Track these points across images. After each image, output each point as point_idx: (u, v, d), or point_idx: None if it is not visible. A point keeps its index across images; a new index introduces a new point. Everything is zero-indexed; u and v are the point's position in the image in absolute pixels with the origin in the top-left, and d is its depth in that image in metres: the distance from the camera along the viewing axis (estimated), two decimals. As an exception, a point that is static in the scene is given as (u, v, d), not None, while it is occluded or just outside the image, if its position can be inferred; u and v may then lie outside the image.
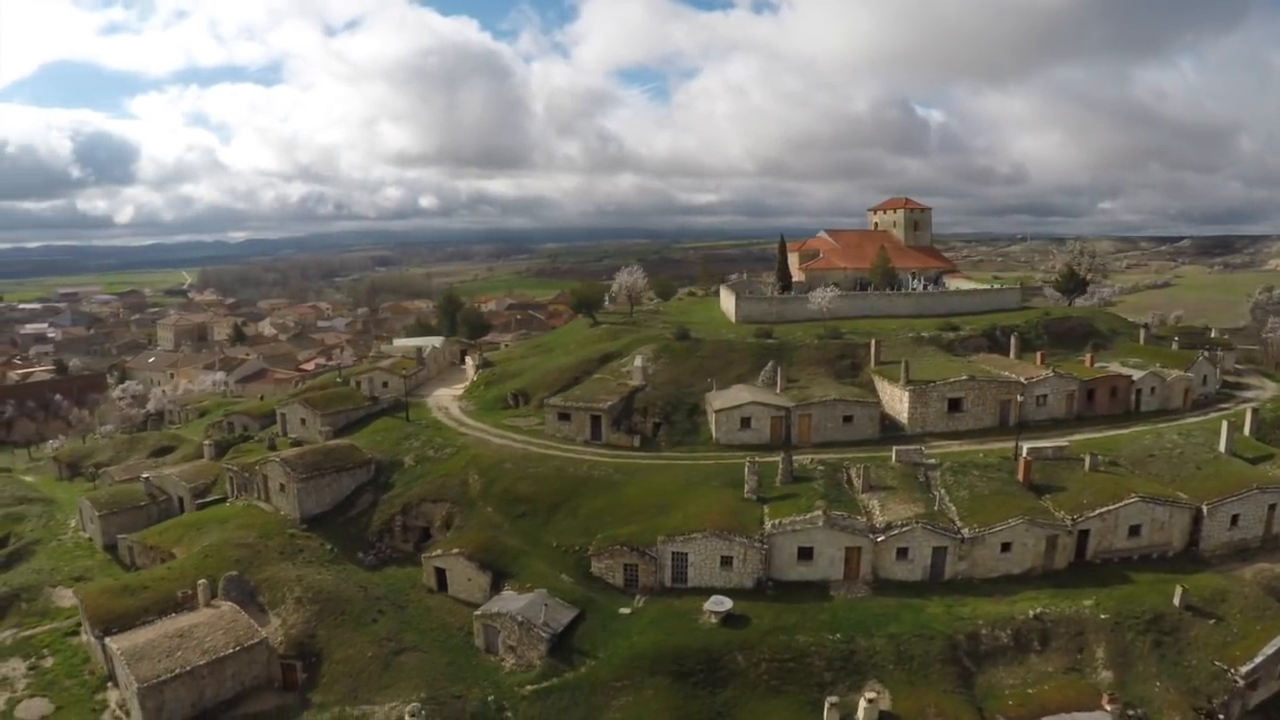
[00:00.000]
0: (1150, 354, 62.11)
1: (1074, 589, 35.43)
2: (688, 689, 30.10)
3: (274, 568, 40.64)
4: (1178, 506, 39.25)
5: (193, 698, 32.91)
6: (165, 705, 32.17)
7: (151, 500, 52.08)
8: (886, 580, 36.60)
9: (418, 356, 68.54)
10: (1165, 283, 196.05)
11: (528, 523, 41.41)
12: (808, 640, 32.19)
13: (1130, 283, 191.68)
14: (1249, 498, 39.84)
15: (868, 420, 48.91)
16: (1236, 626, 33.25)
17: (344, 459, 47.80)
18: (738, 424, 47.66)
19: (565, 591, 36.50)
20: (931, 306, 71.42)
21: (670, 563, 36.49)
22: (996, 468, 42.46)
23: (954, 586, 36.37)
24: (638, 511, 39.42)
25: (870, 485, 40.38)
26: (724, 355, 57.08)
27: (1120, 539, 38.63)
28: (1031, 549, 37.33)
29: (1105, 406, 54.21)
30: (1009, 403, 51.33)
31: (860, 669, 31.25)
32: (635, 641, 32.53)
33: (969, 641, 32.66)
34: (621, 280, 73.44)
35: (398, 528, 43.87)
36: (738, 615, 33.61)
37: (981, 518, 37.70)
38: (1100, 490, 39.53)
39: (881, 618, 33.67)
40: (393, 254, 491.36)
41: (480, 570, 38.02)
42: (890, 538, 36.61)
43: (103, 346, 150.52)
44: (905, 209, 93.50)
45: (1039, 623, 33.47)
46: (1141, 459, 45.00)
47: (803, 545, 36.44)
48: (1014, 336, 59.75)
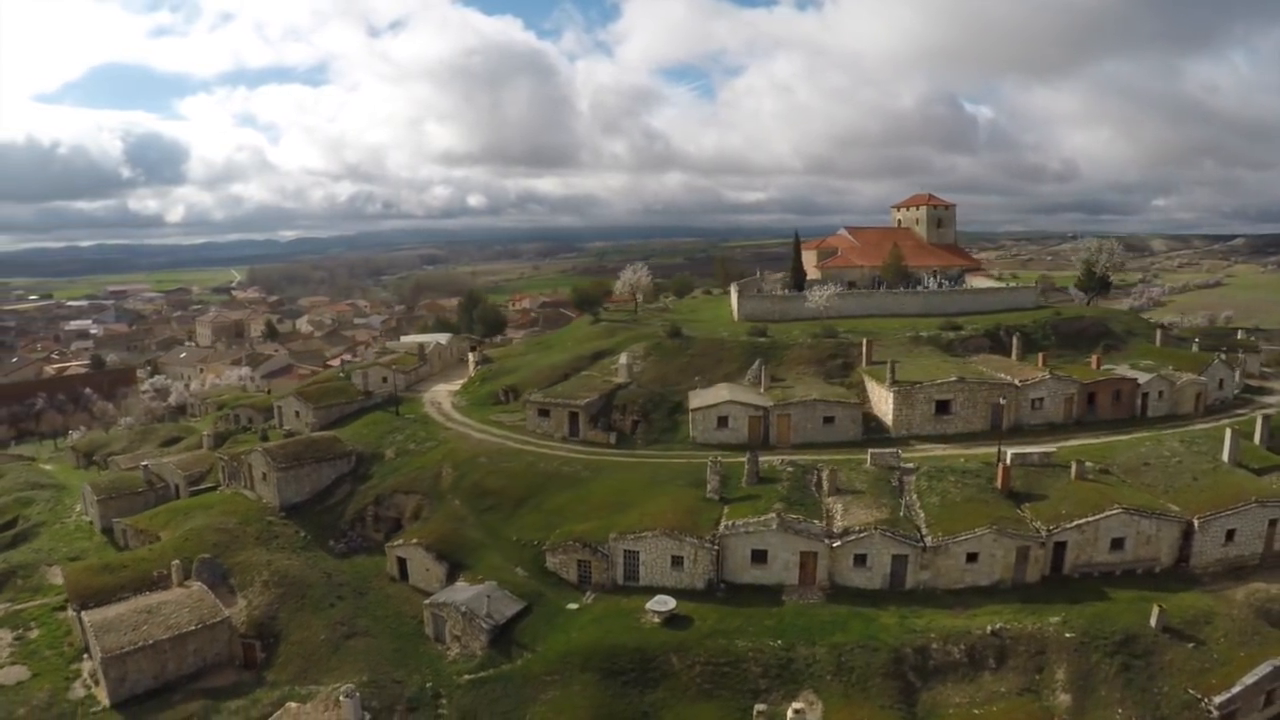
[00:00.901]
0: (1165, 356, 59.90)
1: (1043, 604, 34.17)
2: (616, 687, 30.22)
3: (248, 552, 42.75)
4: (1166, 519, 37.50)
5: (155, 670, 34.95)
6: (128, 675, 34.26)
7: (149, 487, 54.94)
8: (844, 587, 35.77)
9: (419, 353, 70.32)
10: (1217, 282, 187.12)
11: (492, 516, 42.22)
12: (746, 645, 31.79)
13: (1181, 282, 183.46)
14: (1246, 511, 37.75)
15: (849, 421, 48.04)
16: (1218, 652, 31.51)
17: (325, 450, 49.59)
18: (714, 423, 47.49)
19: (517, 585, 37.12)
20: (941, 305, 69.74)
21: (622, 560, 36.69)
22: (976, 474, 41.13)
23: (915, 597, 35.31)
24: (598, 508, 39.77)
25: (837, 488, 39.53)
26: (714, 353, 56.93)
27: (1101, 553, 37.08)
28: (1000, 560, 36.01)
29: (1108, 411, 52.21)
30: (1001, 406, 49.79)
31: (797, 678, 30.68)
32: (573, 637, 32.87)
33: (917, 655, 31.72)
34: (626, 278, 73.81)
35: (370, 517, 45.33)
36: (682, 616, 33.50)
37: (947, 526, 36.51)
38: (1082, 500, 38.06)
39: (829, 626, 32.95)
40: (441, 252, 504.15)
41: (437, 561, 39.02)
42: (847, 543, 35.73)
43: (142, 343, 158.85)
44: (928, 206, 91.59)
45: (996, 639, 32.25)
46: (1135, 467, 42.99)
47: (756, 548, 35.95)
48: (1016, 337, 57.90)
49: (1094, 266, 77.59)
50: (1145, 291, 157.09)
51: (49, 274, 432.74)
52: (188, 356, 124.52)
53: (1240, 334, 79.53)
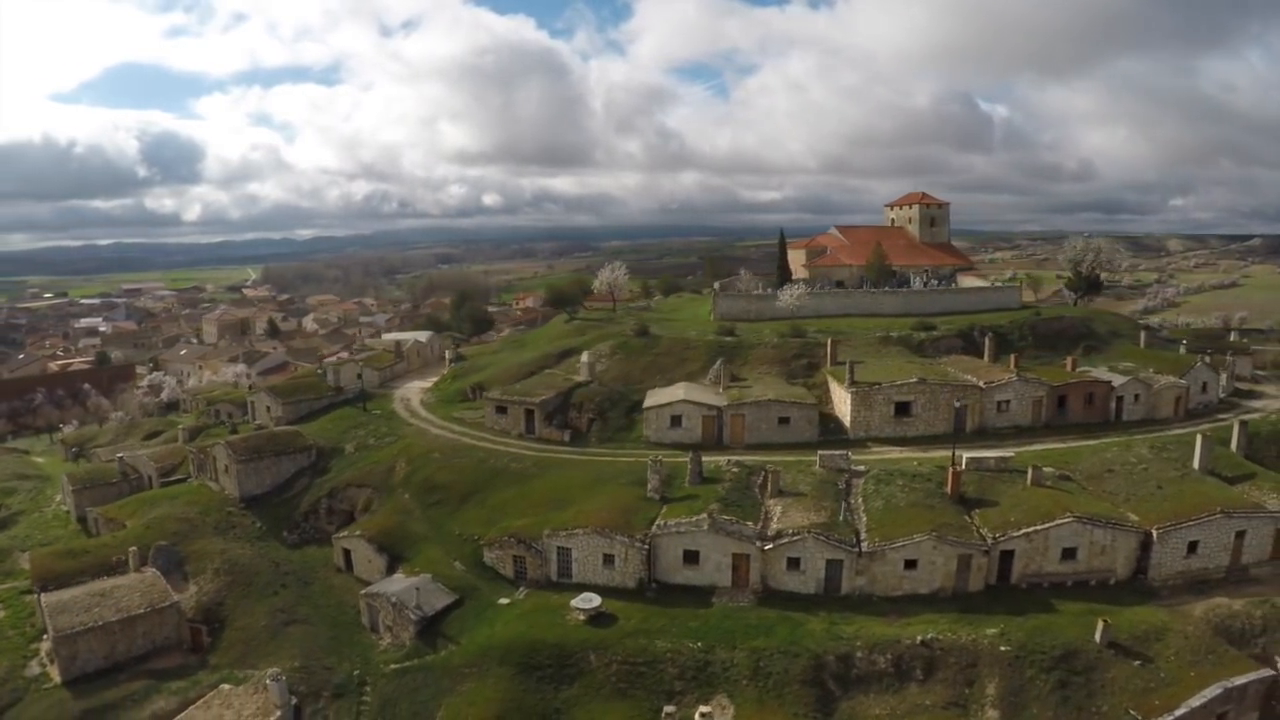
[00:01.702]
0: (1148, 358, 59.38)
1: (983, 615, 33.68)
2: (531, 683, 30.89)
3: (205, 541, 44.71)
4: (1121, 529, 36.70)
5: (105, 650, 36.74)
6: (79, 654, 36.08)
7: (123, 478, 57.17)
8: (777, 591, 35.76)
9: (396, 350, 71.97)
10: (1233, 282, 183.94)
11: (438, 511, 43.44)
12: (666, 646, 32.10)
13: (1196, 282, 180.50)
14: (1210, 523, 36.90)
15: (805, 422, 48.29)
16: (1166, 671, 30.53)
17: (285, 444, 51.29)
18: (668, 422, 48.18)
19: (453, 578, 38.26)
20: (921, 305, 69.59)
21: (555, 557, 37.50)
22: (927, 478, 40.89)
23: (850, 603, 35.11)
24: (539, 505, 40.70)
25: (780, 490, 39.71)
26: (679, 352, 57.66)
27: (1052, 562, 36.44)
28: (941, 568, 35.57)
29: (1080, 414, 51.77)
30: (965, 408, 49.69)
31: (713, 681, 30.83)
32: (497, 631, 33.78)
33: (839, 663, 31.48)
34: (604, 276, 74.83)
35: (323, 510, 46.92)
36: (607, 614, 34.11)
37: (886, 531, 36.20)
38: (1034, 507, 37.51)
39: (753, 629, 33.06)
40: (457, 251, 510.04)
41: (378, 552, 40.37)
42: (779, 546, 35.70)
43: (149, 340, 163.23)
44: (921, 204, 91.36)
45: (926, 649, 31.82)
46: (1098, 474, 42.35)
47: (688, 548, 36.29)
48: (989, 338, 57.57)
49: (1080, 266, 76.85)
50: (1160, 292, 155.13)
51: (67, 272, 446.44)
52: (188, 353, 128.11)
53: (1233, 335, 78.20)
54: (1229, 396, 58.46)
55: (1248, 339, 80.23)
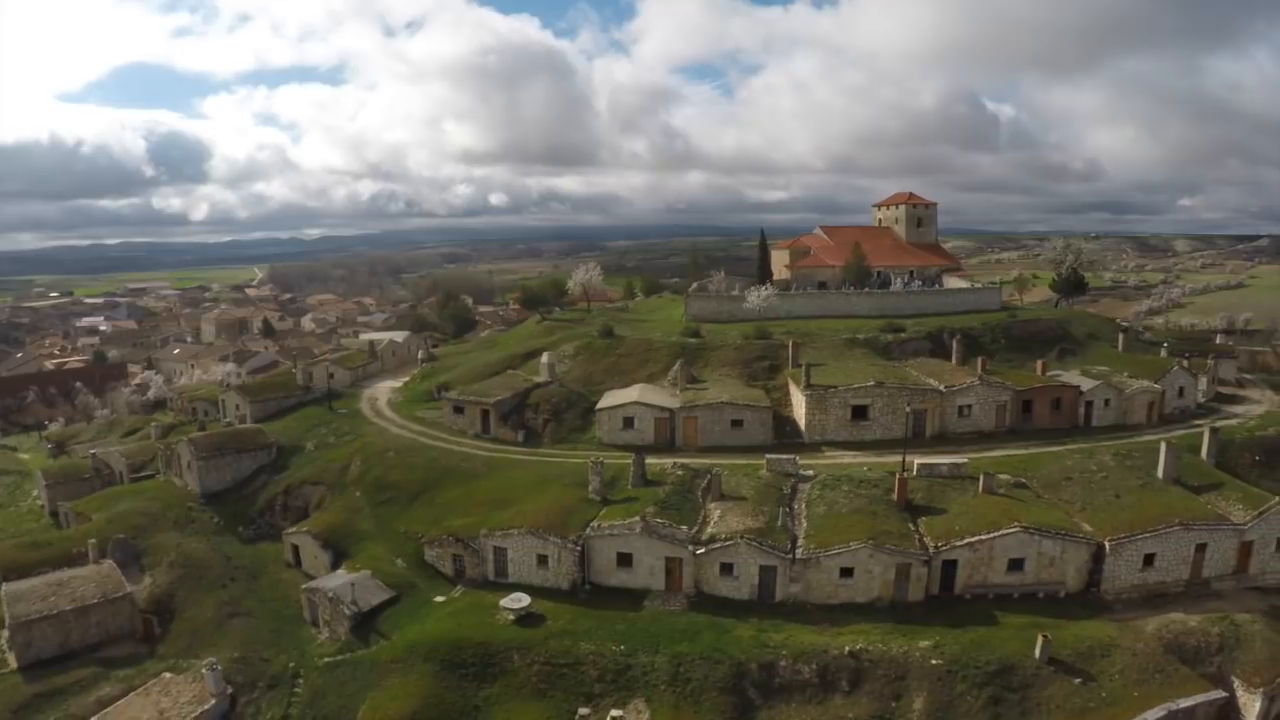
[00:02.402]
0: (1125, 362, 59.26)
1: (919, 626, 33.46)
2: (453, 680, 31.68)
3: (163, 535, 46.39)
4: (1071, 540, 36.20)
5: (60, 638, 38.35)
6: (34, 641, 37.66)
7: (96, 474, 59.05)
8: (710, 596, 35.93)
9: (370, 350, 73.45)
10: (1239, 283, 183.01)
11: (388, 509, 44.66)
12: (589, 648, 32.63)
13: (1202, 283, 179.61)
14: (1168, 535, 36.34)
15: (758, 425, 48.79)
16: (1109, 690, 29.80)
17: (247, 441, 52.85)
18: (620, 424, 49.01)
19: (394, 575, 39.38)
20: (897, 306, 69.80)
21: (492, 557, 38.42)
22: (875, 484, 40.96)
23: (784, 610, 35.10)
24: (482, 504, 41.73)
25: (721, 494, 40.06)
26: (641, 354, 58.55)
27: (998, 573, 36.05)
28: (878, 577, 35.42)
29: (1046, 420, 51.59)
30: (924, 412, 49.83)
31: (632, 685, 31.10)
32: (426, 628, 34.73)
33: (762, 671, 31.41)
34: (578, 277, 75.87)
35: (278, 506, 48.42)
36: (536, 615, 34.87)
37: (824, 538, 36.17)
38: (982, 516, 37.23)
39: (679, 634, 33.22)
40: (463, 251, 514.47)
41: (323, 549, 41.69)
42: (712, 551, 35.90)
43: (148, 339, 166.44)
44: (907, 205, 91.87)
45: (853, 660, 31.62)
46: (1056, 482, 42.05)
47: (622, 551, 36.85)
48: (957, 340, 57.82)
49: (1060, 267, 76.86)
50: (1165, 293, 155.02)
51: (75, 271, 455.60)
52: (181, 353, 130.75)
53: (1219, 338, 77.72)
54: (1209, 401, 58.30)
55: (1232, 340, 79.73)
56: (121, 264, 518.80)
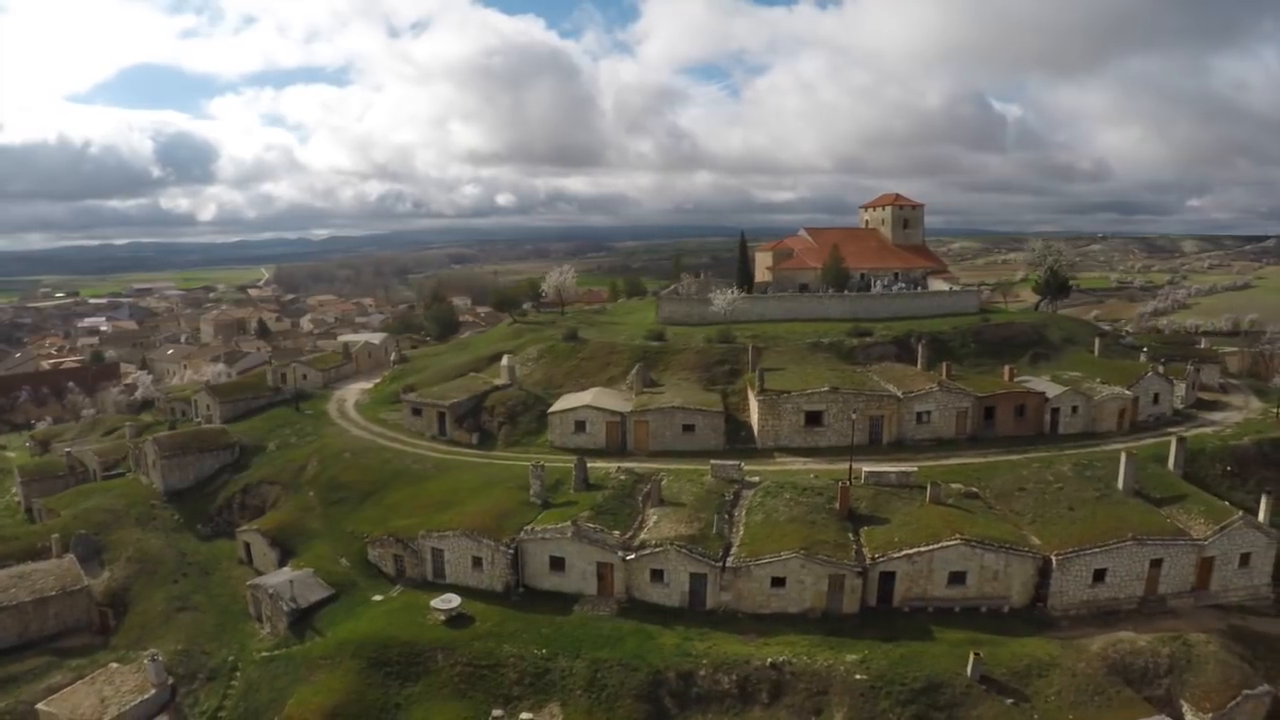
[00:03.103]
0: (1099, 368, 59.05)
1: (850, 639, 33.37)
2: (378, 677, 32.91)
3: (125, 531, 48.65)
4: (1016, 554, 35.74)
5: (19, 628, 40.61)
6: (-7, 630, 39.76)
7: (70, 471, 61.43)
8: (642, 602, 36.44)
9: (344, 352, 75.25)
10: (1245, 284, 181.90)
11: (338, 509, 46.23)
12: (511, 651, 33.38)
13: (1209, 284, 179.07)
14: (1120, 550, 35.81)
15: (710, 430, 49.42)
16: (1042, 711, 29.28)
17: (210, 441, 54.78)
18: (572, 427, 50.08)
19: (336, 574, 40.89)
20: (870, 309, 69.93)
21: (430, 558, 39.67)
22: (819, 491, 40.83)
23: (714, 619, 35.31)
24: (427, 505, 43.06)
25: (661, 500, 40.68)
26: (603, 357, 59.70)
27: (938, 586, 35.85)
28: (811, 588, 35.41)
29: (1010, 427, 51.29)
30: (881, 418, 50.01)
31: (549, 689, 31.82)
32: (358, 626, 36.11)
33: (680, 680, 31.63)
34: (552, 280, 77.19)
35: (236, 505, 50.30)
36: (466, 616, 35.93)
37: (757, 547, 36.30)
38: (924, 527, 37.16)
39: (602, 640, 33.82)
40: (471, 251, 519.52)
41: (271, 547, 43.37)
42: (642, 557, 36.34)
43: (147, 339, 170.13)
44: (894, 206, 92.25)
45: (775, 672, 31.60)
46: (1008, 493, 41.83)
47: (554, 555, 37.62)
48: (922, 345, 58.10)
49: (1039, 269, 77.01)
50: (1171, 293, 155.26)
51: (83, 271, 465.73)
52: (175, 353, 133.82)
53: (1204, 343, 77.42)
54: (1188, 408, 57.97)
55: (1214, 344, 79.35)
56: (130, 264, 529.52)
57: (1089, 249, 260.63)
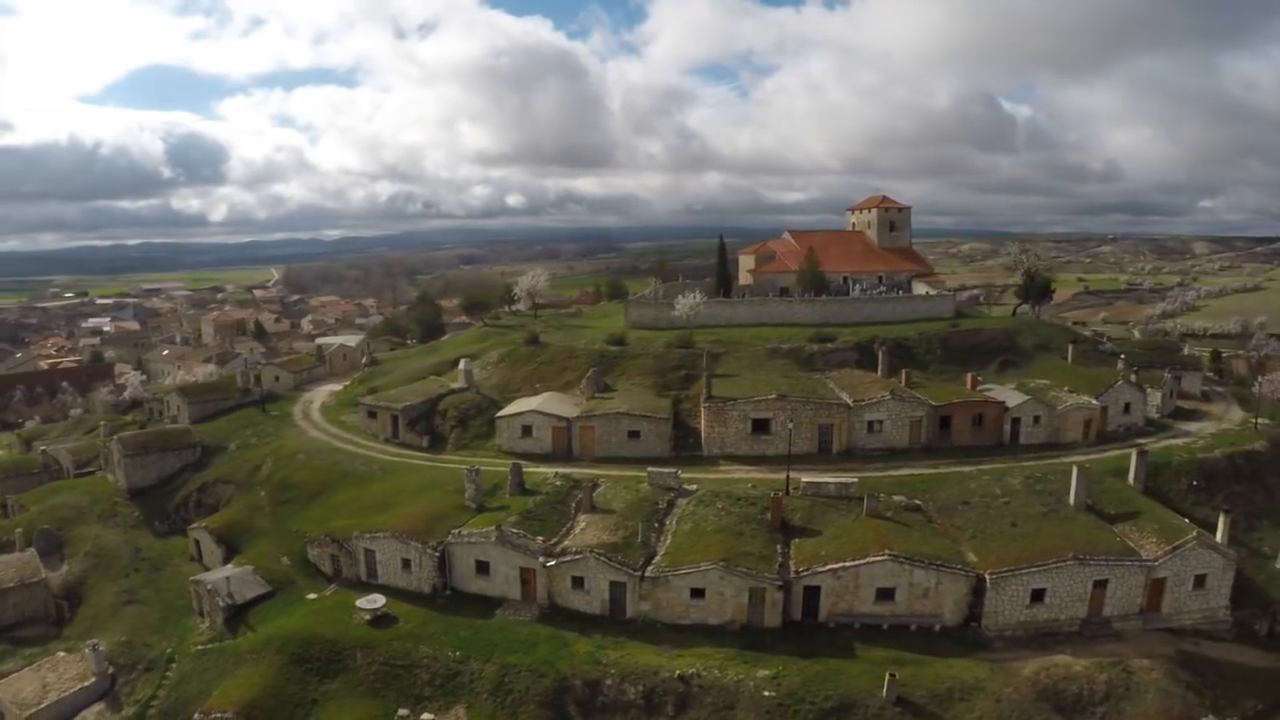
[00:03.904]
0: (1070, 375, 58.62)
1: (767, 653, 33.60)
2: (298, 673, 34.61)
3: (86, 527, 51.53)
4: (947, 571, 35.52)
5: (-22, 617, 43.32)
6: (-46, 619, 42.68)
7: (45, 469, 64.29)
8: (563, 608, 37.41)
9: (317, 354, 77.57)
10: (1255, 286, 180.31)
11: (287, 508, 48.31)
12: (427, 652, 34.58)
13: (1218, 286, 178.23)
14: (1059, 570, 35.32)
15: (655, 436, 50.44)
16: None
17: (172, 441, 57.30)
18: (519, 432, 51.61)
19: (276, 572, 42.89)
20: (841, 314, 70.08)
21: (363, 558, 41.46)
22: (754, 501, 41.19)
23: (633, 628, 36.02)
24: (368, 506, 44.89)
25: (592, 506, 41.67)
26: (561, 361, 61.21)
27: (865, 602, 35.84)
28: (731, 600, 35.77)
29: (967, 437, 51.34)
30: (831, 427, 50.33)
31: (458, 691, 32.86)
32: (288, 623, 37.96)
33: (586, 689, 32.28)
34: (524, 283, 78.86)
35: (193, 503, 52.76)
36: (389, 616, 37.46)
37: (679, 557, 36.86)
38: (855, 540, 37.29)
39: (516, 644, 34.86)
40: (481, 252, 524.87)
41: (217, 544, 45.61)
42: (563, 564, 37.35)
43: (149, 340, 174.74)
44: (879, 209, 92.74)
45: (683, 684, 31.95)
46: (952, 506, 41.67)
47: (480, 559, 38.86)
48: (883, 351, 58.28)
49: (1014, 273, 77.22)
50: (1180, 295, 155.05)
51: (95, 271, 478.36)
52: (170, 354, 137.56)
53: (1187, 349, 77.06)
54: (1164, 417, 57.42)
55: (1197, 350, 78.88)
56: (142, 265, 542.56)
57: (1099, 250, 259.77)
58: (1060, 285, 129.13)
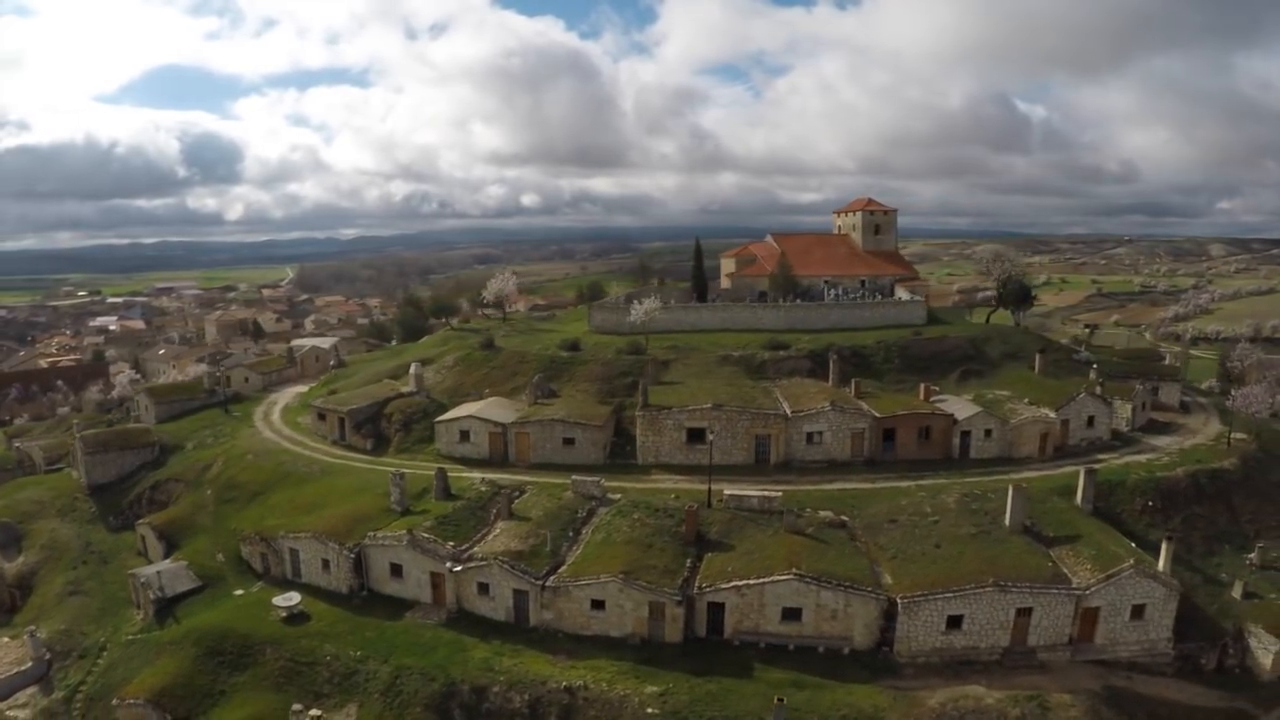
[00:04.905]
0: (1035, 386, 58.60)
1: (662, 669, 33.99)
2: (210, 665, 37.20)
3: (46, 521, 55.72)
4: (856, 593, 35.21)
5: (-66, 606, 47.34)
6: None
7: (19, 465, 68.05)
8: (470, 613, 38.72)
9: (289, 356, 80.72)
10: (1270, 289, 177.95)
11: (229, 506, 51.19)
12: (330, 650, 36.48)
13: (1233, 288, 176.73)
14: (977, 596, 34.61)
15: (590, 444, 51.86)
16: None
17: (132, 440, 60.72)
18: (457, 437, 53.78)
19: (210, 568, 45.83)
20: (807, 320, 71.16)
21: (289, 557, 44.03)
22: (671, 513, 41.79)
23: (535, 636, 36.96)
24: (302, 507, 47.48)
25: (511, 513, 43.04)
26: (513, 366, 63.31)
27: (771, 622, 35.94)
28: (631, 613, 36.35)
29: (913, 450, 51.55)
30: (769, 438, 51.00)
31: (353, 690, 34.60)
32: (210, 617, 40.77)
33: (473, 695, 33.36)
34: (493, 286, 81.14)
35: (145, 500, 56.16)
36: (303, 614, 39.74)
37: (584, 567, 37.85)
38: (766, 557, 37.49)
39: (416, 647, 36.27)
40: (496, 252, 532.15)
41: (158, 540, 48.89)
42: (469, 570, 38.67)
43: (153, 339, 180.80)
44: (864, 211, 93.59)
45: (568, 696, 32.74)
46: (878, 524, 41.28)
47: (394, 561, 40.74)
48: (834, 360, 58.88)
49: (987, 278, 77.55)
50: (1194, 298, 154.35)
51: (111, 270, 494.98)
52: (166, 353, 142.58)
53: (1169, 359, 76.59)
54: (1135, 431, 57.16)
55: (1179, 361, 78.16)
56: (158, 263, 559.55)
57: (1114, 252, 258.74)
58: (1073, 288, 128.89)
